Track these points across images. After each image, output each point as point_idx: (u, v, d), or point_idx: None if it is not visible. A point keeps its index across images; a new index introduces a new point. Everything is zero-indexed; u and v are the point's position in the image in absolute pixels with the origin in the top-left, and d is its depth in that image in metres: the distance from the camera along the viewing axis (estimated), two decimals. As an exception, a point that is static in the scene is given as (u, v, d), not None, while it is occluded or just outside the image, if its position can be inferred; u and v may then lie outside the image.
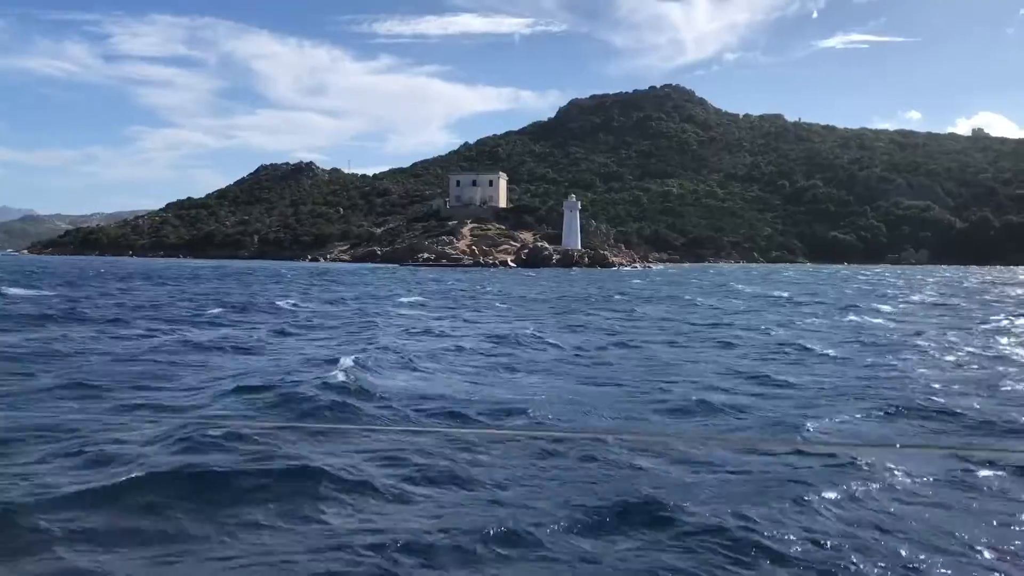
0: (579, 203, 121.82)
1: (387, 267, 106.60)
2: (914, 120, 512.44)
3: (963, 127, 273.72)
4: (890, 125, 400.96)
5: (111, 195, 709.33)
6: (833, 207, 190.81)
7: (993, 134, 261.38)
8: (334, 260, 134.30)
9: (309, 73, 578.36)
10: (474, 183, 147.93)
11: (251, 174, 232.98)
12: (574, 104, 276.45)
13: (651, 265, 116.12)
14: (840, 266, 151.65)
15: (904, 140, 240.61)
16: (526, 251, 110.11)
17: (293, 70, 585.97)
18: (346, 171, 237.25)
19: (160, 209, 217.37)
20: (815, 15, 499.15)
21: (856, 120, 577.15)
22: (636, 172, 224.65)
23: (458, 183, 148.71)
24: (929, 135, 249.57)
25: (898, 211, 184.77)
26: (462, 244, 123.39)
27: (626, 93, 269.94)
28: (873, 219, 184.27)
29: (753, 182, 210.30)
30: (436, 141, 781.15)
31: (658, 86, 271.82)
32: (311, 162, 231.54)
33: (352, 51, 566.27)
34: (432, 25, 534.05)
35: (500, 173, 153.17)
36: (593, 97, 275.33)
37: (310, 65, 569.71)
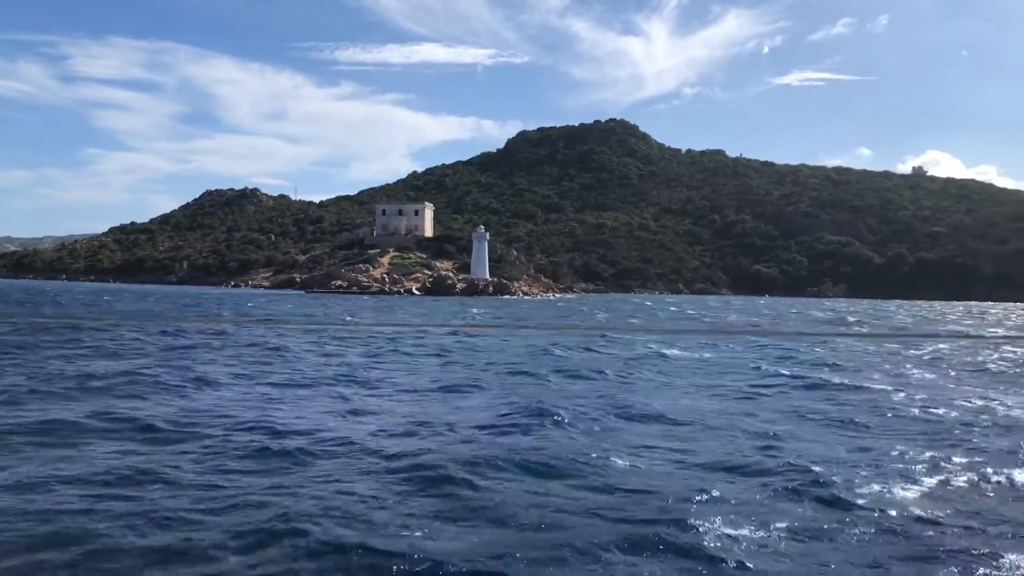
0: (487, 234, 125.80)
1: (296, 293, 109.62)
2: (864, 157, 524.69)
3: (911, 164, 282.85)
4: (841, 162, 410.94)
5: (65, 218, 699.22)
6: (759, 241, 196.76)
7: (939, 172, 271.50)
8: (255, 286, 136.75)
9: (270, 99, 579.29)
10: (400, 213, 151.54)
11: (195, 199, 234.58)
12: (522, 135, 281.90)
13: (551, 295, 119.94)
14: (762, 298, 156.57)
15: (839, 177, 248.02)
16: (431, 280, 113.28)
17: (254, 95, 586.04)
18: (293, 198, 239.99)
19: (102, 233, 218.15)
20: (766, 50, 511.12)
21: (809, 156, 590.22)
22: (577, 204, 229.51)
23: (384, 212, 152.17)
24: (864, 172, 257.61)
25: (820, 246, 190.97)
26: (377, 272, 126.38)
27: (572, 126, 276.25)
28: (796, 253, 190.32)
29: (686, 216, 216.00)
30: (398, 169, 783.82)
31: (603, 120, 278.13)
32: (256, 188, 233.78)
33: (314, 77, 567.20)
34: (395, 54, 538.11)
35: (426, 204, 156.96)
36: (540, 129, 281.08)
37: (271, 91, 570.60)
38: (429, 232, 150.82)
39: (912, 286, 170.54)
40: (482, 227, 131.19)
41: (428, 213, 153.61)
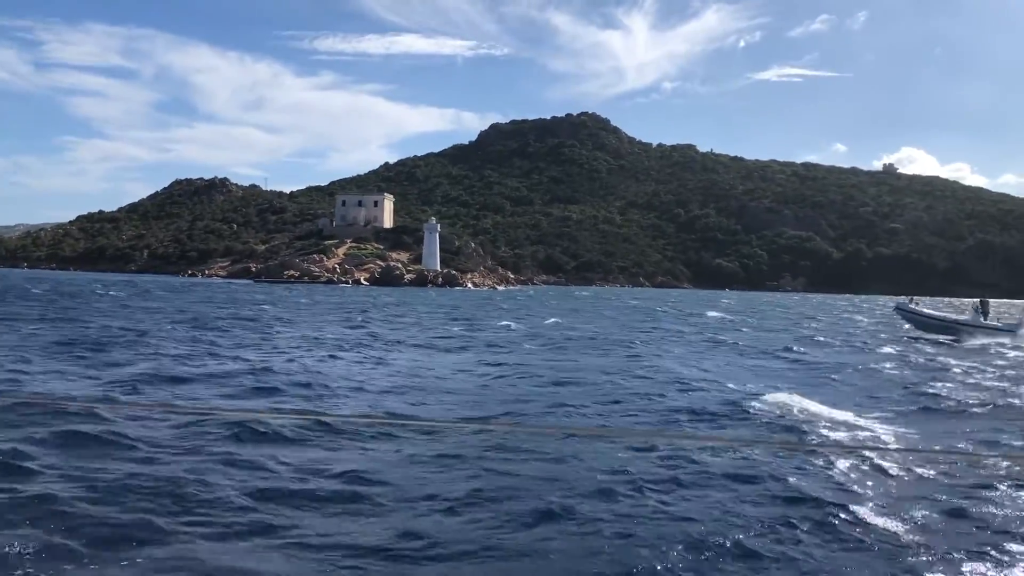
0: (438, 225, 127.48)
1: (242, 282, 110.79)
2: (839, 153, 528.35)
3: (885, 161, 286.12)
4: (816, 158, 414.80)
5: (40, 206, 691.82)
6: (721, 235, 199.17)
7: (914, 169, 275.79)
8: (211, 275, 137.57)
9: (249, 88, 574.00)
10: (359, 204, 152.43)
11: (165, 188, 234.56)
12: (494, 128, 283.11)
13: (496, 287, 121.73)
14: (723, 292, 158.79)
15: (806, 173, 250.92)
16: (380, 271, 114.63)
17: (232, 84, 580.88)
18: (264, 188, 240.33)
19: (68, 222, 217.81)
20: (742, 44, 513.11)
21: (785, 152, 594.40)
22: (545, 197, 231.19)
23: (344, 203, 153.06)
24: (831, 168, 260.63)
25: (781, 240, 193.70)
26: (331, 263, 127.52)
27: (544, 119, 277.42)
28: (757, 247, 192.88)
29: (652, 210, 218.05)
30: (376, 160, 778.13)
31: (575, 114, 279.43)
32: (225, 178, 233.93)
33: (293, 66, 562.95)
34: (374, 44, 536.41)
35: (386, 195, 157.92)
36: (512, 122, 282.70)
37: (250, 80, 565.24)
38: (388, 223, 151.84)
39: (868, 281, 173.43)
40: (434, 219, 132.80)
41: (388, 204, 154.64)
